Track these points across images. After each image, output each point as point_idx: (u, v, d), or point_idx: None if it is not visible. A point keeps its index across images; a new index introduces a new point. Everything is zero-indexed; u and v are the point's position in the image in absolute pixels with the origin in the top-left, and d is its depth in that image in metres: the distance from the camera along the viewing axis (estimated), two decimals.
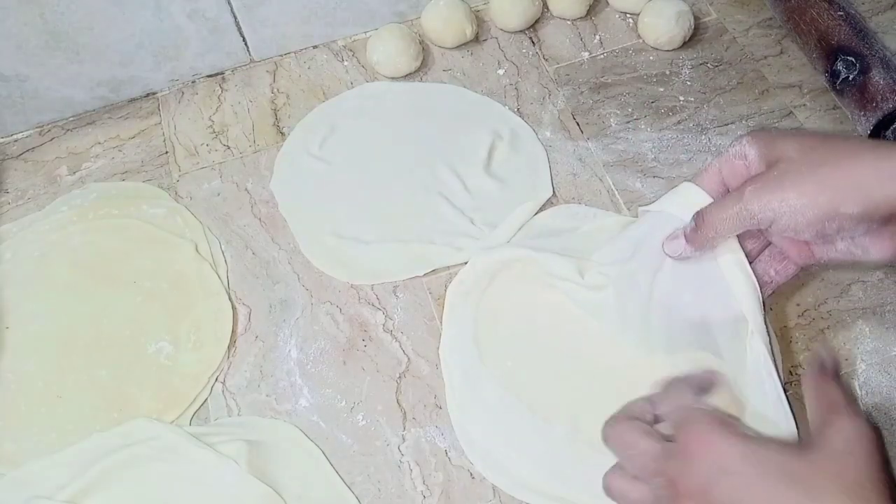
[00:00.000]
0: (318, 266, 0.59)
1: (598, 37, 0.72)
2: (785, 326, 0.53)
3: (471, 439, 0.50)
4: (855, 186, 0.36)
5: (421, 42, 0.71)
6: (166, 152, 0.67)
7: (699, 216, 0.42)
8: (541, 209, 0.60)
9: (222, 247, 0.61)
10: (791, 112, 0.65)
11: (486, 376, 0.51)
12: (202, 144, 0.67)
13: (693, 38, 0.70)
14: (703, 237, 0.41)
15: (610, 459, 0.38)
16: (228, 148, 0.67)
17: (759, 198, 0.38)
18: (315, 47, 0.73)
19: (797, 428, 0.45)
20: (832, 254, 0.42)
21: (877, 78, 0.60)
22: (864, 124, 0.60)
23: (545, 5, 0.73)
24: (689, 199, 0.45)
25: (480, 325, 0.53)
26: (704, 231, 0.41)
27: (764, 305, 0.46)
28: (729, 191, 0.43)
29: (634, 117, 0.66)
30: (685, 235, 0.43)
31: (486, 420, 0.50)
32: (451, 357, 0.53)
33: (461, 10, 0.70)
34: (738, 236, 0.44)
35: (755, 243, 0.46)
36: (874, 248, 0.39)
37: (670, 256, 0.44)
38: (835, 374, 0.37)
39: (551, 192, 0.61)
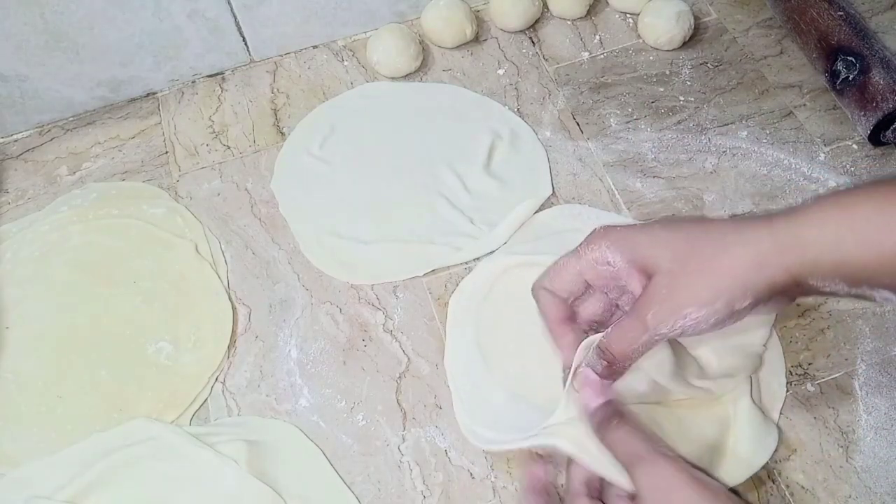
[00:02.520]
0: (318, 266, 0.59)
1: (598, 37, 0.72)
2: (785, 326, 0.53)
3: (485, 439, 0.49)
4: (741, 285, 0.37)
5: (421, 42, 0.71)
6: (166, 152, 0.67)
7: (606, 353, 0.41)
8: (541, 208, 0.60)
9: (222, 247, 0.61)
10: (791, 112, 0.65)
11: (492, 382, 0.51)
12: (202, 144, 0.67)
13: (693, 38, 0.70)
14: (619, 369, 0.41)
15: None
16: (228, 148, 0.67)
17: (664, 322, 0.38)
18: (315, 47, 0.73)
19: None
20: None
21: (877, 78, 0.60)
22: (864, 124, 0.60)
23: (545, 5, 0.73)
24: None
25: (483, 332, 0.53)
26: (620, 364, 0.41)
27: None
28: (590, 288, 0.43)
29: (634, 117, 0.66)
30: (600, 374, 0.41)
31: (496, 423, 0.49)
32: (455, 365, 0.53)
33: (461, 10, 0.70)
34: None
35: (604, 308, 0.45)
36: (771, 310, 0.42)
37: (590, 403, 0.42)
38: (616, 415, 0.39)
39: (551, 191, 0.61)
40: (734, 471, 0.46)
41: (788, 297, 0.39)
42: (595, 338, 0.41)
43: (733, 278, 0.37)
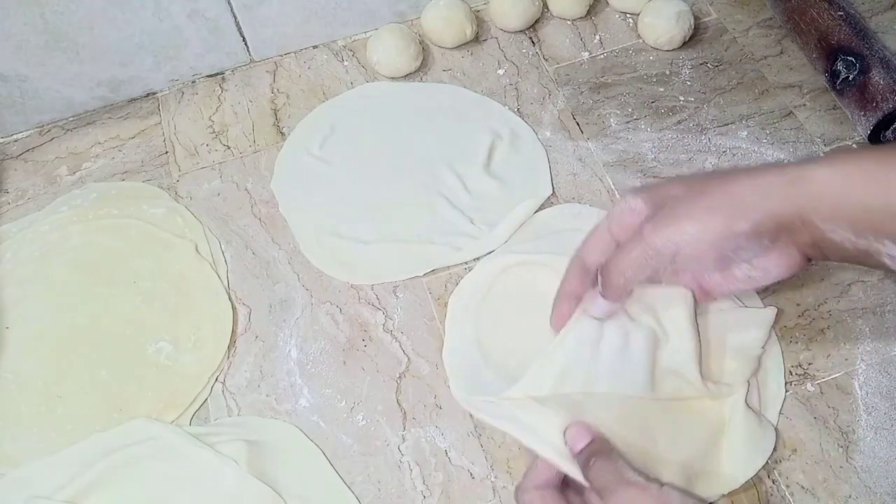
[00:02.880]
0: (318, 266, 0.59)
1: (598, 37, 0.72)
2: (785, 326, 0.53)
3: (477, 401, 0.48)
4: (740, 205, 0.38)
5: (421, 42, 0.71)
6: (166, 152, 0.67)
7: (604, 269, 0.42)
8: (541, 208, 0.60)
9: (222, 247, 0.61)
10: (791, 112, 0.65)
11: (491, 378, 0.51)
12: (202, 144, 0.67)
13: (693, 38, 0.70)
14: (615, 286, 0.42)
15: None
16: (228, 148, 0.67)
17: (658, 233, 0.39)
18: (315, 47, 0.73)
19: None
20: (734, 285, 0.43)
21: (877, 78, 0.60)
22: (864, 124, 0.60)
23: (545, 5, 0.73)
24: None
25: (482, 330, 0.53)
26: (615, 279, 0.42)
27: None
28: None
29: (634, 117, 0.66)
30: (600, 292, 0.43)
31: (495, 413, 0.49)
32: (454, 361, 0.53)
33: (461, 10, 0.70)
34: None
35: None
36: (773, 268, 0.41)
37: (598, 318, 0.44)
38: (597, 453, 0.39)
39: (551, 191, 0.61)
40: (731, 475, 0.46)
41: (799, 248, 0.39)
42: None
43: (733, 198, 0.38)
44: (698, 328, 0.49)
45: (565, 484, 0.42)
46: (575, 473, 0.40)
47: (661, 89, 0.67)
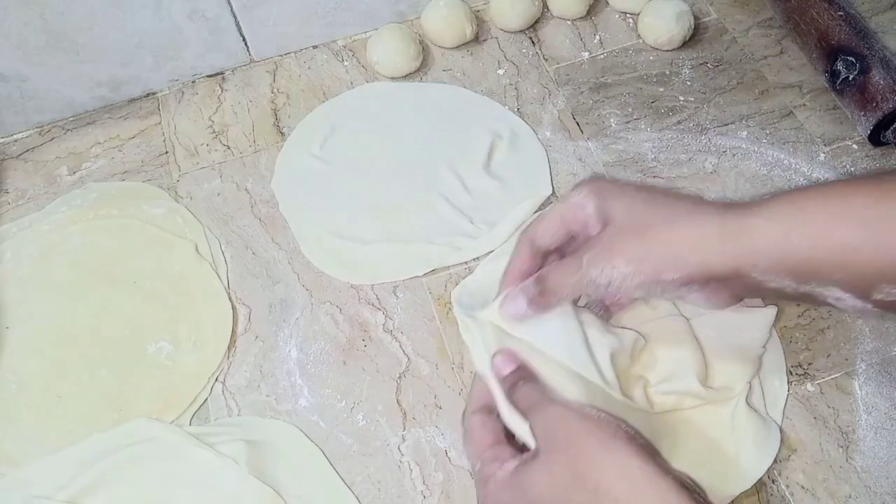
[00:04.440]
0: (318, 266, 0.59)
1: (598, 37, 0.72)
2: (785, 326, 0.53)
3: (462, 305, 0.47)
4: (673, 256, 0.38)
5: (421, 42, 0.71)
6: (166, 152, 0.67)
7: (542, 281, 0.42)
8: (540, 208, 0.60)
9: (222, 247, 0.61)
10: (791, 112, 0.65)
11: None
12: (202, 144, 0.67)
13: (693, 38, 0.70)
14: (545, 302, 0.42)
15: None
16: (228, 148, 0.67)
17: (595, 265, 0.40)
18: (315, 47, 0.73)
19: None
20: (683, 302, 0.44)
21: (877, 78, 0.60)
22: (864, 124, 0.60)
23: (545, 5, 0.73)
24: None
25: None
26: (548, 297, 0.42)
27: None
28: (570, 235, 0.43)
29: (634, 117, 0.66)
30: (529, 299, 0.43)
31: (466, 326, 0.47)
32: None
33: (461, 10, 0.70)
34: None
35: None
36: (710, 301, 0.41)
37: (508, 316, 0.44)
38: (521, 377, 0.40)
39: (551, 191, 0.61)
40: (740, 477, 0.46)
41: (731, 291, 0.39)
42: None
43: (667, 248, 0.38)
44: (695, 336, 0.49)
45: None
46: (499, 398, 0.41)
47: (661, 89, 0.67)
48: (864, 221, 0.35)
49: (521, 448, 0.39)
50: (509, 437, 0.40)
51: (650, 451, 0.35)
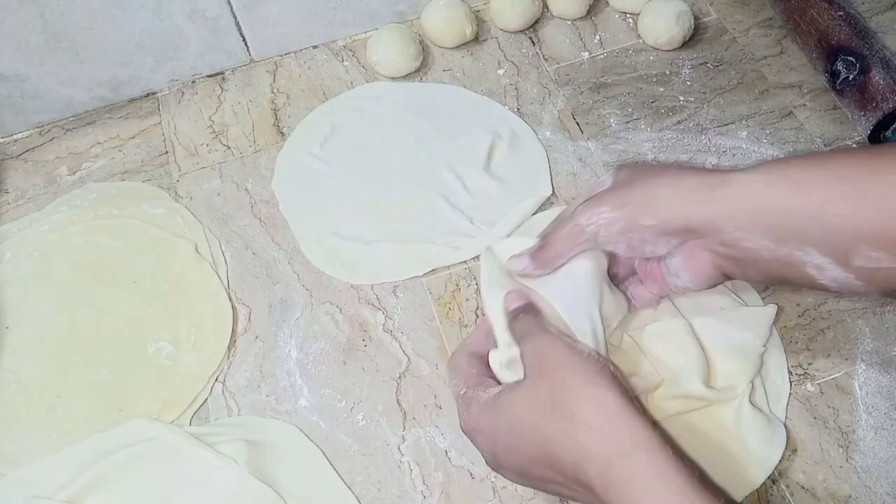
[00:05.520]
0: (318, 266, 0.59)
1: (598, 37, 0.72)
2: (785, 326, 0.53)
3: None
4: (650, 202, 0.39)
5: (421, 42, 0.71)
6: (166, 152, 0.67)
7: (545, 237, 0.44)
8: (540, 208, 0.60)
9: (222, 247, 0.61)
10: (791, 112, 0.65)
11: None
12: (202, 144, 0.67)
13: (693, 38, 0.70)
14: (544, 256, 0.44)
15: None
16: (228, 148, 0.67)
17: (583, 213, 0.41)
18: (315, 47, 0.73)
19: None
20: (670, 279, 0.44)
21: (877, 78, 0.60)
22: (864, 124, 0.60)
23: (545, 5, 0.73)
24: None
25: None
26: (547, 251, 0.44)
27: None
28: None
29: (634, 117, 0.66)
30: (531, 254, 0.44)
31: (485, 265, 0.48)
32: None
33: (461, 10, 0.70)
34: (610, 262, 0.46)
35: (621, 269, 0.47)
36: (683, 271, 0.42)
37: (515, 272, 0.45)
38: (524, 310, 0.42)
39: (551, 191, 0.61)
40: (748, 477, 0.46)
41: (710, 257, 0.39)
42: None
43: (648, 195, 0.40)
44: (696, 337, 0.49)
45: None
46: (499, 326, 0.42)
47: (661, 89, 0.67)
48: (845, 178, 0.35)
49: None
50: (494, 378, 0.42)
51: (629, 394, 0.36)
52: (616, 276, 0.47)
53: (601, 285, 0.45)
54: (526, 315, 0.42)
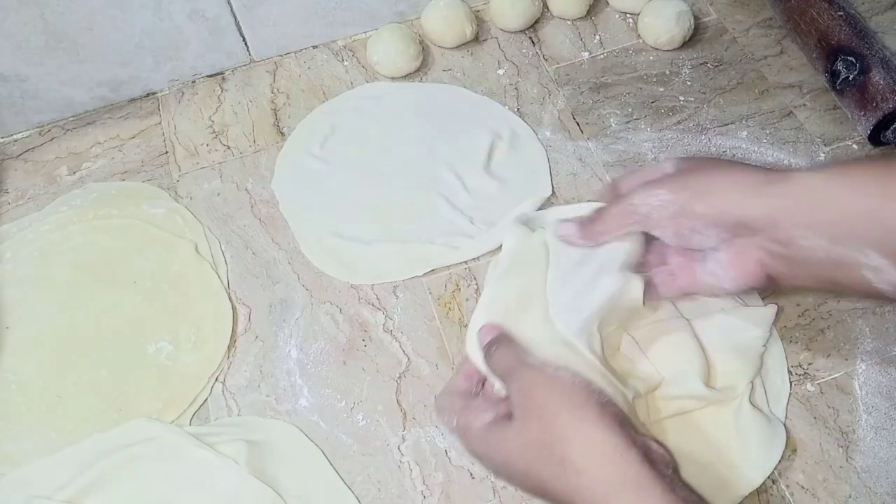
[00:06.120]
0: (318, 266, 0.59)
1: (598, 37, 0.72)
2: (785, 326, 0.53)
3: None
4: (706, 191, 0.39)
5: (421, 42, 0.71)
6: (166, 152, 0.67)
7: (598, 211, 0.45)
8: (540, 208, 0.60)
9: (222, 247, 0.61)
10: (791, 112, 0.65)
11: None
12: (202, 144, 0.67)
13: (693, 38, 0.70)
14: (593, 230, 0.44)
15: None
16: (228, 148, 0.67)
17: (638, 193, 0.41)
18: (315, 47, 0.73)
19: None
20: (704, 276, 0.44)
21: (877, 78, 0.60)
22: (864, 124, 0.60)
23: (545, 5, 0.73)
24: None
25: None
26: (597, 225, 0.44)
27: None
28: None
29: (634, 117, 0.66)
30: (580, 224, 0.45)
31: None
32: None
33: (461, 10, 0.70)
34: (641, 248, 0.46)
35: (654, 257, 0.47)
36: (727, 268, 0.41)
37: (558, 236, 0.46)
38: (497, 342, 0.42)
39: (551, 192, 0.61)
40: (748, 477, 0.46)
41: (757, 256, 0.39)
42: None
43: (703, 184, 0.39)
44: (696, 337, 0.49)
45: None
46: (481, 365, 0.43)
47: (661, 89, 0.67)
48: None
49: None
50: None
51: (620, 420, 0.36)
52: (646, 263, 0.46)
53: (623, 277, 0.44)
54: (500, 348, 0.42)
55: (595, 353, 0.42)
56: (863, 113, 0.60)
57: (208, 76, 0.72)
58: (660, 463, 0.35)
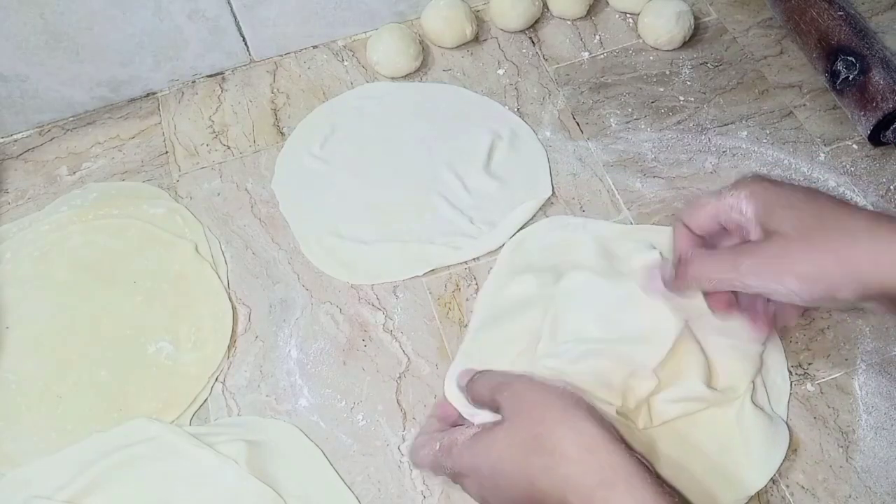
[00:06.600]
0: (318, 266, 0.59)
1: (598, 37, 0.72)
2: (785, 326, 0.53)
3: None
4: (852, 275, 0.37)
5: (421, 42, 0.71)
6: (166, 152, 0.67)
7: (685, 264, 0.43)
8: (540, 209, 0.60)
9: (222, 247, 0.61)
10: (791, 112, 0.65)
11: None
12: (202, 144, 0.67)
13: (693, 38, 0.70)
14: (684, 285, 0.44)
15: None
16: (228, 148, 0.67)
17: (756, 275, 0.39)
18: (315, 47, 0.73)
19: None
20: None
21: (877, 78, 0.60)
22: (864, 124, 0.60)
23: (545, 5, 0.73)
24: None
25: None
26: (687, 282, 0.43)
27: None
28: (723, 228, 0.44)
29: (634, 117, 0.66)
30: (664, 280, 0.45)
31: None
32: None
33: (461, 10, 0.70)
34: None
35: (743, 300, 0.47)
36: (886, 311, 0.39)
37: (648, 291, 0.47)
38: (480, 373, 0.43)
39: (551, 192, 0.61)
40: (752, 478, 0.46)
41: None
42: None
43: (845, 267, 0.37)
44: (695, 338, 0.49)
45: None
46: (462, 404, 0.44)
47: (661, 89, 0.67)
48: None
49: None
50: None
51: (606, 424, 0.37)
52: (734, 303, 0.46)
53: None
54: (483, 375, 0.43)
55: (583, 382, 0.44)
56: (863, 113, 0.60)
57: (208, 76, 0.72)
58: (643, 461, 0.36)
